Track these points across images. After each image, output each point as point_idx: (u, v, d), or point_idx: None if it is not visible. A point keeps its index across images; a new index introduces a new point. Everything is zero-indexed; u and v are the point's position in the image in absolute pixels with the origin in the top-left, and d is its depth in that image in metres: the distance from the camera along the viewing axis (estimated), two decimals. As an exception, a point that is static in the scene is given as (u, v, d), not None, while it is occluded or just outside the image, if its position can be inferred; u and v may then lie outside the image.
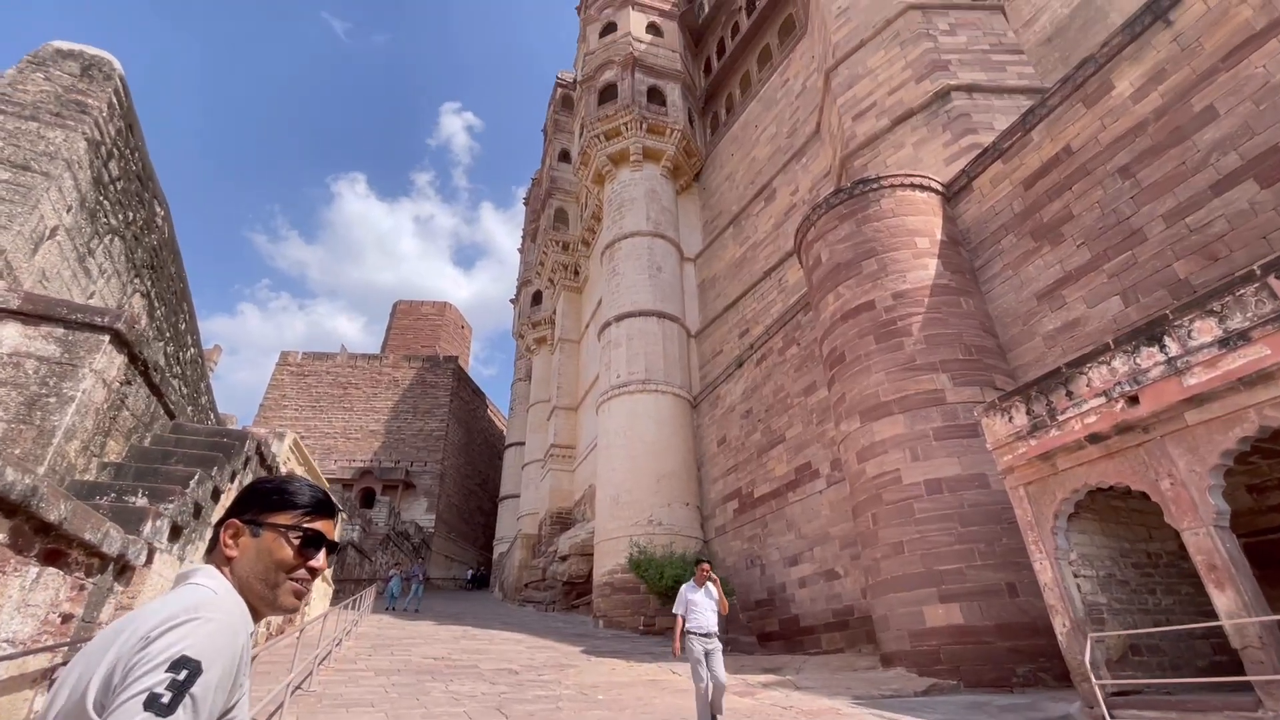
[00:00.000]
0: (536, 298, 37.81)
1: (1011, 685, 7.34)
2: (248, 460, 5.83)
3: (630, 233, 22.29)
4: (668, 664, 9.64)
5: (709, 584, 5.88)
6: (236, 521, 1.10)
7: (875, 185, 11.50)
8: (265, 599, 1.07)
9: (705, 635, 5.47)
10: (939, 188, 11.51)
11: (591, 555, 19.30)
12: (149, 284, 6.42)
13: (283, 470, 11.39)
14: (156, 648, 0.85)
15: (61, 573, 3.56)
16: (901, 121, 13.82)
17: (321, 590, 14.04)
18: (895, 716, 5.60)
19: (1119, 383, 5.50)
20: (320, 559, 1.14)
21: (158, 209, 6.35)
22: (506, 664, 9.05)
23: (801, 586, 12.93)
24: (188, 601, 0.94)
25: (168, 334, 7.69)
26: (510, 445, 41.04)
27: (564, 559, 21.62)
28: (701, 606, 5.68)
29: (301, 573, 1.11)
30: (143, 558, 4.22)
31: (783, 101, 21.30)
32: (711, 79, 27.20)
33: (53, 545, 3.43)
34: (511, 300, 43.08)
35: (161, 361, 7.53)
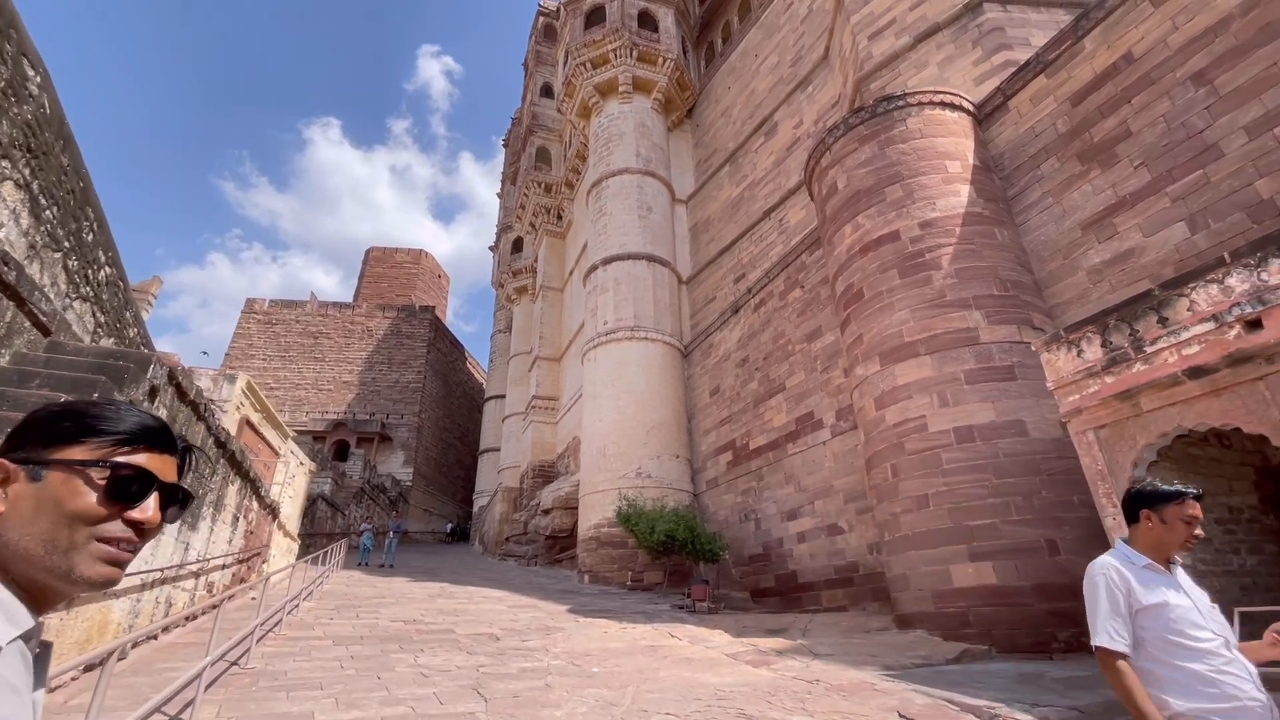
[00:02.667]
0: (517, 245, 36.07)
1: (1051, 651, 6.61)
2: (154, 391, 4.63)
3: (619, 170, 20.74)
4: (663, 624, 8.84)
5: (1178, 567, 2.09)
6: (3, 462, 0.73)
7: (901, 103, 10.25)
8: (54, 570, 0.70)
9: None
10: (970, 108, 10.30)
11: (575, 509, 18.51)
12: (25, 171, 5.04)
13: (228, 416, 10.15)
14: None
15: None
16: (925, 39, 12.45)
17: (285, 546, 13.00)
18: (948, 694, 4.75)
19: (1236, 304, 4.50)
20: (149, 508, 0.76)
21: (29, 69, 4.92)
22: (486, 627, 8.14)
23: (800, 541, 12.22)
24: None
25: (66, 243, 6.33)
26: (490, 398, 39.90)
27: (547, 512, 20.84)
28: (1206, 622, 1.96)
29: (114, 528, 0.74)
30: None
31: (786, 27, 19.62)
32: (707, 6, 25.21)
33: None
34: (491, 248, 41.24)
35: (48, 275, 6.20)
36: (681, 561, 14.10)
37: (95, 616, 4.44)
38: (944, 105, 10.16)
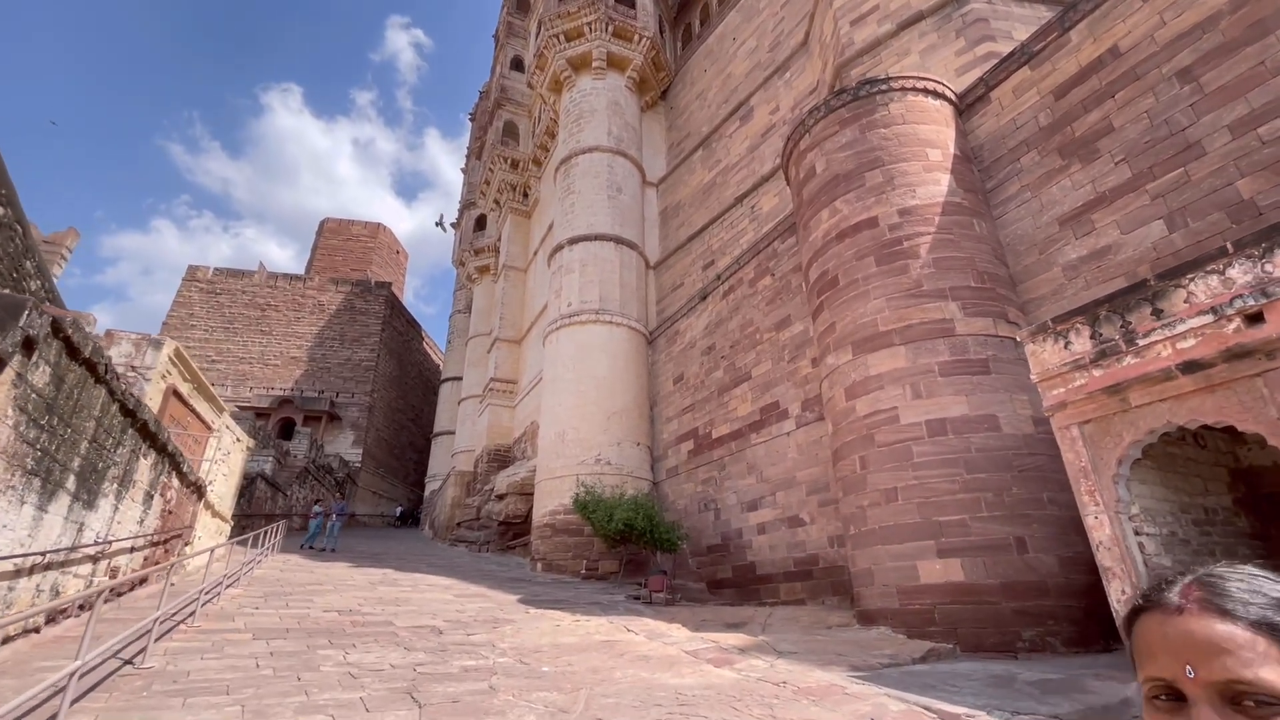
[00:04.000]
0: (480, 222, 34.93)
1: (1016, 651, 6.46)
2: (29, 344, 3.88)
3: (589, 147, 20.06)
4: (619, 617, 8.42)
5: None
6: None
7: (884, 87, 9.96)
8: None
9: None
10: (953, 96, 10.09)
11: (531, 495, 17.95)
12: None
13: (151, 385, 9.24)
14: None
15: None
16: (908, 26, 12.22)
17: (214, 528, 12.06)
18: (923, 700, 4.46)
19: (1237, 296, 4.28)
20: None
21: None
22: (429, 619, 7.57)
23: (760, 533, 11.98)
24: None
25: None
26: (446, 380, 38.78)
27: (501, 498, 20.20)
28: None
29: None
30: None
31: (766, 11, 19.21)
32: (686, -14, 24.58)
33: None
34: (453, 224, 39.89)
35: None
36: (638, 551, 13.74)
37: (-53, 608, 3.73)
38: (927, 92, 9.92)
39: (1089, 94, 8.44)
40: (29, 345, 3.93)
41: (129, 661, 4.72)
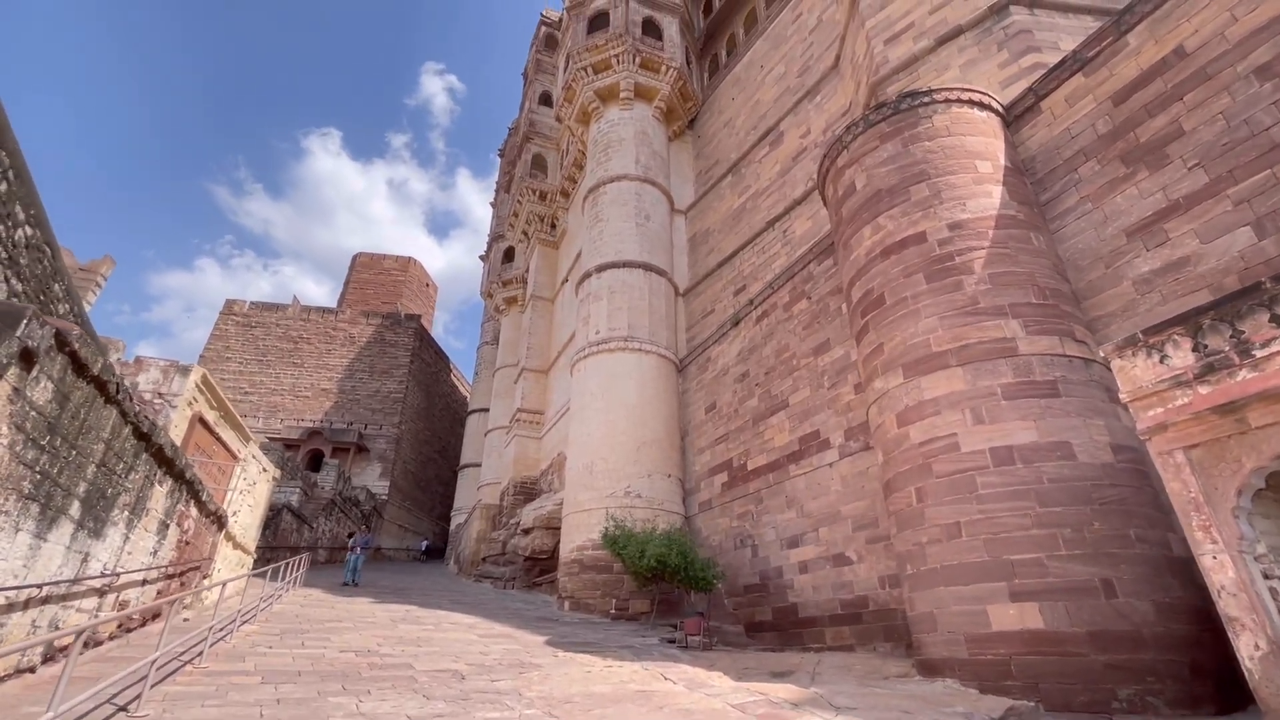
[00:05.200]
0: (508, 254, 35.22)
1: (1112, 711, 5.65)
2: (28, 357, 3.58)
3: (617, 176, 20.03)
4: (654, 663, 7.77)
5: None
6: None
7: (926, 99, 9.57)
8: None
9: None
10: (999, 108, 9.65)
11: (558, 529, 17.37)
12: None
13: (178, 412, 9.07)
14: None
15: None
16: (946, 42, 11.88)
17: (235, 560, 11.76)
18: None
19: (1384, 296, 3.66)
20: None
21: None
22: (451, 662, 7.04)
23: (802, 572, 11.22)
24: None
25: (-32, 188, 5.33)
26: (473, 411, 38.67)
27: (527, 532, 19.63)
28: None
29: None
30: None
31: (794, 38, 19.16)
32: (712, 19, 24.85)
33: None
34: (481, 257, 40.34)
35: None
36: (670, 590, 13.02)
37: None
38: (972, 104, 9.50)
39: (1153, 98, 7.91)
40: (28, 358, 3.65)
41: (123, 708, 4.30)
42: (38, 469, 4.13)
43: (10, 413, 3.66)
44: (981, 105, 9.52)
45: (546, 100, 31.93)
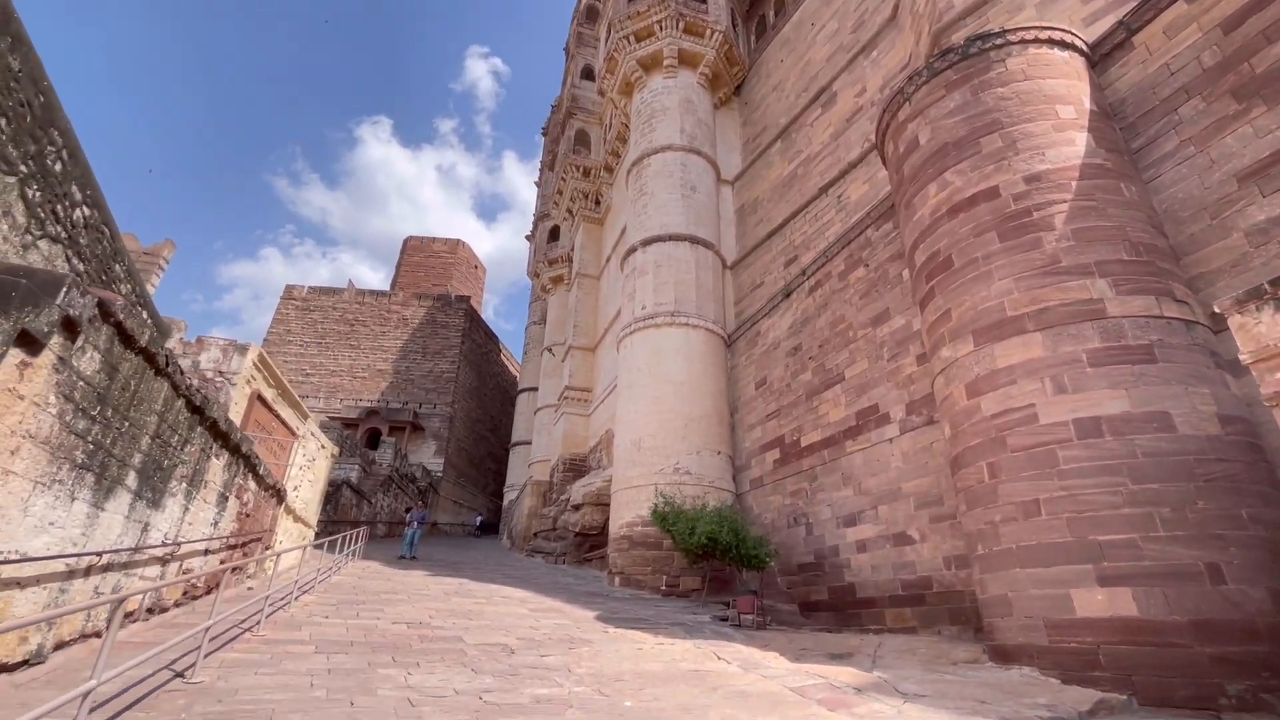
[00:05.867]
0: (554, 233, 35.19)
1: (1219, 708, 5.09)
2: (70, 326, 3.55)
3: (662, 146, 19.49)
4: (707, 642, 7.55)
5: None
6: None
7: (999, 42, 8.74)
8: None
9: None
10: (1084, 46, 8.72)
11: (607, 505, 17.35)
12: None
13: (237, 390, 9.28)
14: None
15: None
16: (1020, -21, 10.83)
17: (296, 533, 12.15)
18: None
19: None
20: None
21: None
22: (501, 635, 6.99)
23: (860, 551, 10.77)
24: None
25: (23, 167, 5.41)
26: (523, 390, 39.17)
27: (577, 508, 19.73)
28: None
29: None
30: None
31: (847, -9, 18.03)
32: (758, -22, 23.72)
33: None
34: (527, 237, 40.50)
35: None
36: (721, 567, 12.77)
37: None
38: (1051, 43, 8.61)
39: (1272, 21, 6.94)
40: (70, 327, 3.63)
41: (180, 674, 4.36)
42: (90, 439, 4.16)
43: (57, 382, 3.66)
44: (1063, 45, 8.63)
45: (589, 74, 31.44)
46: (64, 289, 3.47)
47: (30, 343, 3.33)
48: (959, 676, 6.20)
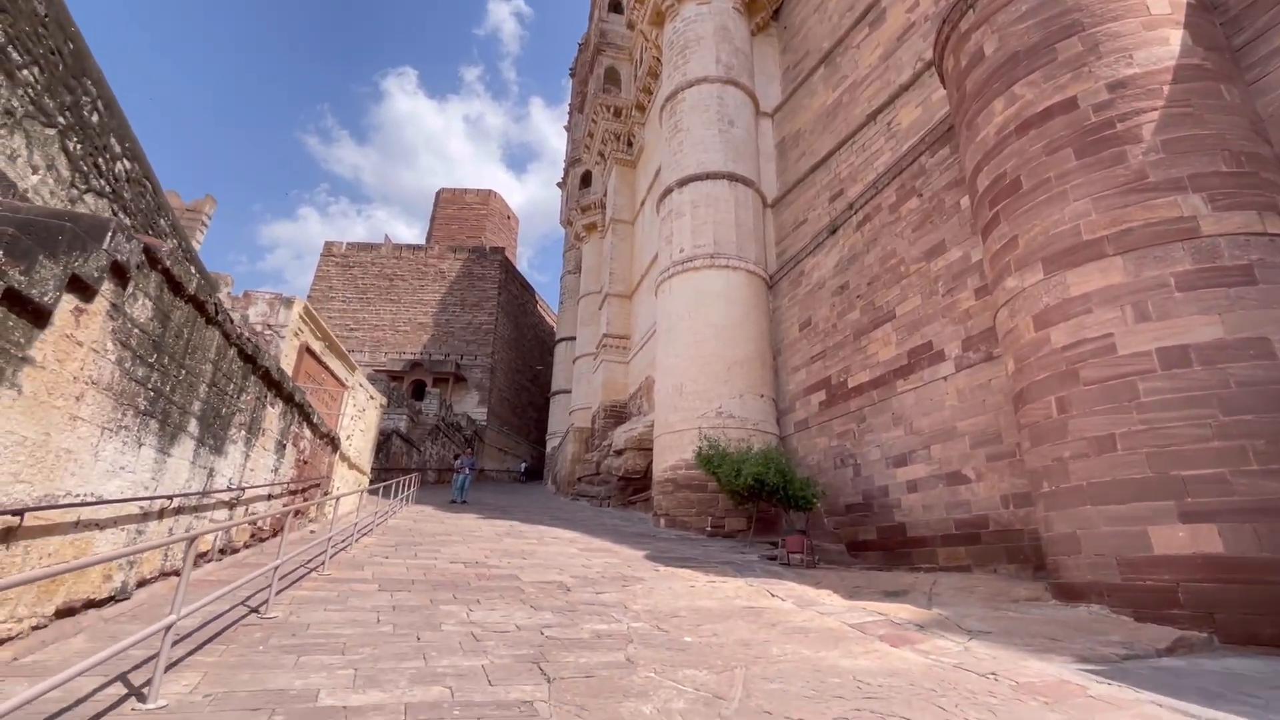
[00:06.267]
0: (585, 179, 34.47)
1: (1311, 648, 4.81)
2: (119, 272, 3.51)
3: (696, 79, 18.56)
4: (758, 579, 7.55)
5: None
6: None
7: (1080, -70, 7.77)
8: None
9: None
10: (1180, -70, 7.69)
11: (649, 450, 17.47)
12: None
13: (286, 343, 9.42)
14: None
15: None
16: None
17: (352, 480, 12.59)
18: (1216, 715, 3.17)
19: None
20: None
21: None
22: (556, 574, 7.12)
23: (911, 491, 10.57)
24: None
25: (61, 119, 5.38)
26: (560, 340, 39.40)
27: (619, 453, 19.96)
28: None
29: None
30: None
31: (898, -108, 16.41)
32: (798, -115, 21.82)
33: None
34: (559, 184, 39.85)
35: (41, 155, 5.24)
36: (766, 508, 12.78)
37: (64, 551, 3.54)
38: (1142, -72, 7.61)
39: None
40: (120, 273, 3.61)
41: (255, 609, 4.53)
42: (150, 386, 4.22)
43: (112, 329, 3.66)
44: (1155, -71, 7.62)
45: (616, 6, 29.95)
46: (110, 233, 3.41)
47: (83, 289, 3.31)
48: (1022, 613, 6.05)
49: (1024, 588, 7.31)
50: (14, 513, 3.00)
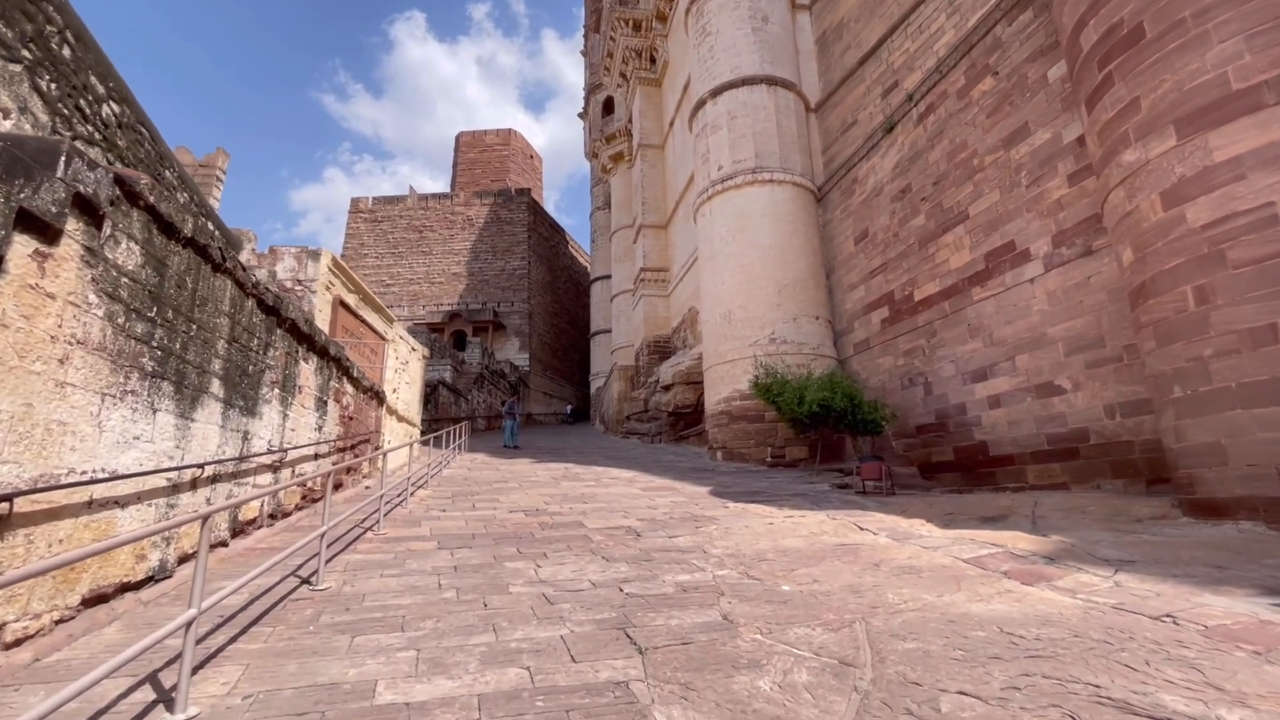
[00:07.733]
0: (608, 105, 32.63)
1: None
2: (88, 207, 2.88)
3: (723, -28, 16.68)
4: (839, 512, 6.96)
5: None
6: None
7: None
8: None
9: None
10: None
11: (698, 383, 16.88)
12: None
13: (318, 297, 8.95)
14: None
15: None
16: None
17: (403, 432, 12.41)
18: None
19: None
20: None
21: None
22: (621, 518, 6.66)
23: (993, 407, 9.71)
24: None
25: (26, 53, 4.75)
26: (596, 279, 38.63)
27: (667, 388, 19.45)
28: None
29: None
30: None
31: None
32: None
33: None
34: (580, 114, 37.98)
35: (9, 94, 4.62)
36: (829, 435, 12.12)
37: (80, 535, 3.13)
38: None
39: None
40: (89, 209, 3.01)
41: (306, 580, 4.16)
42: (154, 344, 3.71)
43: (92, 278, 3.10)
44: None
45: (627, -95, 27.26)
46: (62, 157, 2.78)
47: (41, 228, 2.72)
48: (1159, 536, 5.28)
49: (1144, 505, 6.52)
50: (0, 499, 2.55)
